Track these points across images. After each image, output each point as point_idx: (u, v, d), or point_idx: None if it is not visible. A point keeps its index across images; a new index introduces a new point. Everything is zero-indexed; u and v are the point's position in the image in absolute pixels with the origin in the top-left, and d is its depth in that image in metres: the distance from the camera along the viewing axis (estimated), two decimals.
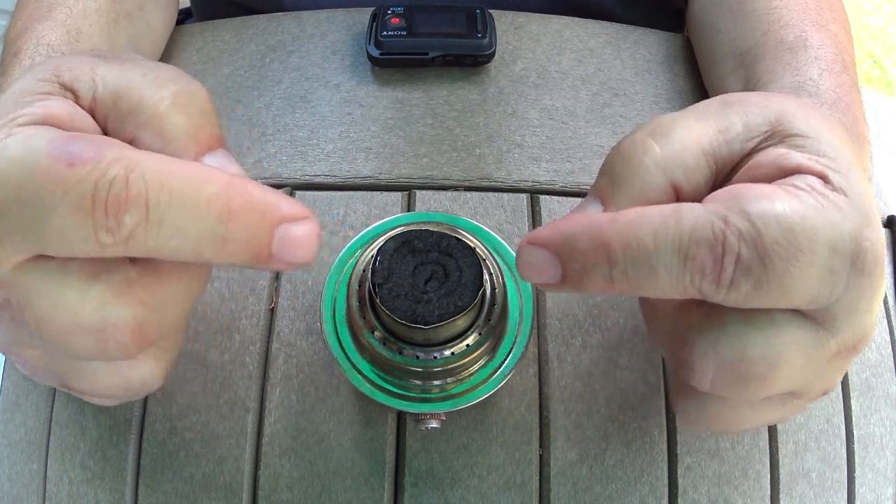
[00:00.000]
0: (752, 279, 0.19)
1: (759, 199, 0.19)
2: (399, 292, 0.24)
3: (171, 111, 0.21)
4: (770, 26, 0.36)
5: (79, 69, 0.22)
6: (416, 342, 0.25)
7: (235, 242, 0.19)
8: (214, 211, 0.19)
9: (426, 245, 0.25)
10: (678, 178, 0.22)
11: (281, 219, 0.20)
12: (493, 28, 0.40)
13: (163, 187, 0.18)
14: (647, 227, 0.19)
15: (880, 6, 1.89)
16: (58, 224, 0.19)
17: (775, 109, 0.23)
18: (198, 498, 0.30)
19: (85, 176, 0.18)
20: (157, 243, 0.19)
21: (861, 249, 0.20)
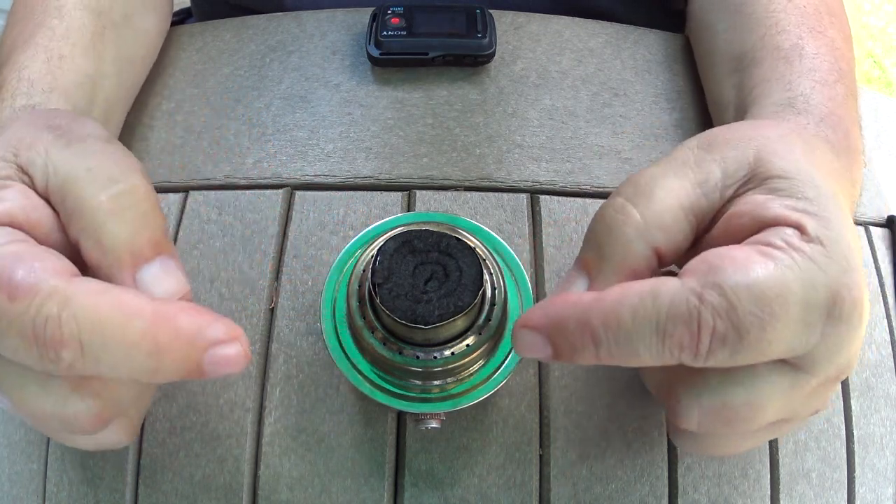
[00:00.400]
0: (729, 348, 0.20)
1: (733, 269, 0.20)
2: (399, 292, 0.24)
3: (109, 219, 0.22)
4: (767, 30, 0.36)
5: (34, 150, 0.23)
6: (416, 342, 0.25)
7: (166, 371, 0.20)
8: (143, 349, 0.20)
9: (426, 245, 0.25)
10: (659, 243, 0.23)
11: (210, 344, 0.21)
12: (493, 28, 0.40)
13: (94, 328, 0.20)
14: (627, 309, 0.20)
15: (880, 6, 1.89)
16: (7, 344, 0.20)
17: (754, 147, 0.23)
18: (198, 498, 0.30)
19: (23, 311, 0.19)
20: (97, 372, 0.20)
21: (837, 299, 0.20)
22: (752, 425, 0.22)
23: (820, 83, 0.32)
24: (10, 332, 0.20)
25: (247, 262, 0.34)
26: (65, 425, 0.22)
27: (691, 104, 0.40)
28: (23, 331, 0.19)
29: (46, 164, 0.23)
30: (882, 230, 0.38)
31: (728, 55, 0.38)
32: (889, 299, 0.36)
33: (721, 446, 0.25)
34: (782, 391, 0.22)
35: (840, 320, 0.20)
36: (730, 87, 0.37)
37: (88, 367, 0.20)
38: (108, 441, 0.25)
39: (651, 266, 0.23)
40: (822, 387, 0.22)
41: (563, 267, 0.34)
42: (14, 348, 0.20)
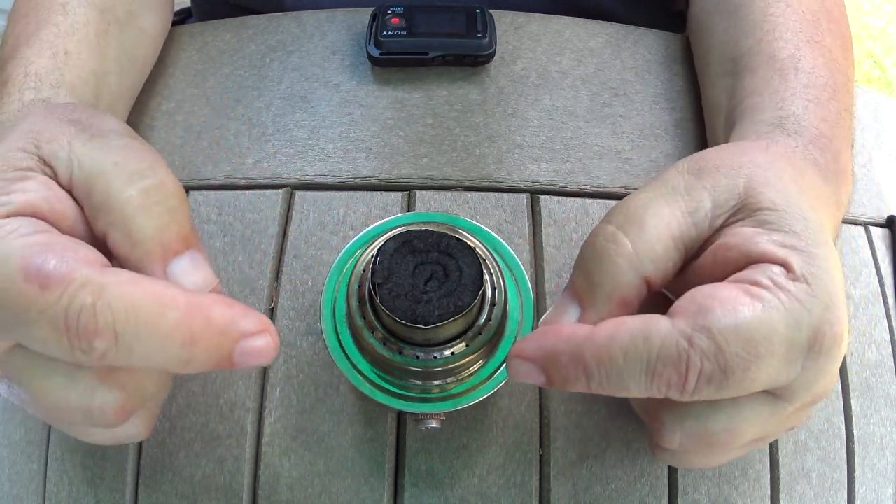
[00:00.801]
0: (714, 386, 0.21)
1: (722, 312, 0.20)
2: (399, 292, 0.24)
3: (138, 212, 0.22)
4: (764, 35, 0.35)
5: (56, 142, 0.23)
6: (416, 342, 0.25)
7: (197, 361, 0.21)
8: (178, 339, 0.20)
9: (426, 245, 0.25)
10: (649, 273, 0.23)
11: (241, 336, 0.21)
12: (493, 28, 0.40)
13: (128, 317, 0.19)
14: (618, 347, 0.21)
15: (880, 6, 1.89)
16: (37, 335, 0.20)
17: (745, 175, 0.24)
18: (198, 498, 0.30)
19: (56, 300, 0.19)
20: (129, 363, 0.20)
21: (819, 335, 0.21)
22: (730, 447, 0.24)
23: (813, 102, 0.31)
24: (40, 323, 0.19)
25: (247, 262, 0.34)
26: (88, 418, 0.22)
27: (691, 104, 0.40)
28: (54, 321, 0.19)
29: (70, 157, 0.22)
30: (882, 230, 0.38)
31: (723, 57, 0.37)
32: (889, 299, 0.36)
33: (698, 462, 0.26)
34: (762, 418, 0.23)
35: (820, 354, 0.21)
36: (722, 90, 0.36)
37: (121, 357, 0.20)
38: (126, 434, 0.25)
39: (640, 295, 0.24)
40: (799, 410, 0.23)
41: (563, 267, 0.34)
42: (43, 339, 0.20)
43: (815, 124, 0.30)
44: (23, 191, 0.22)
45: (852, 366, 0.34)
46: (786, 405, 0.23)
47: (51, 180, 0.22)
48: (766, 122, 0.31)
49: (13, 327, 0.20)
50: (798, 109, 0.31)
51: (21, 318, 0.20)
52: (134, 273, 0.21)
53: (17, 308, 0.19)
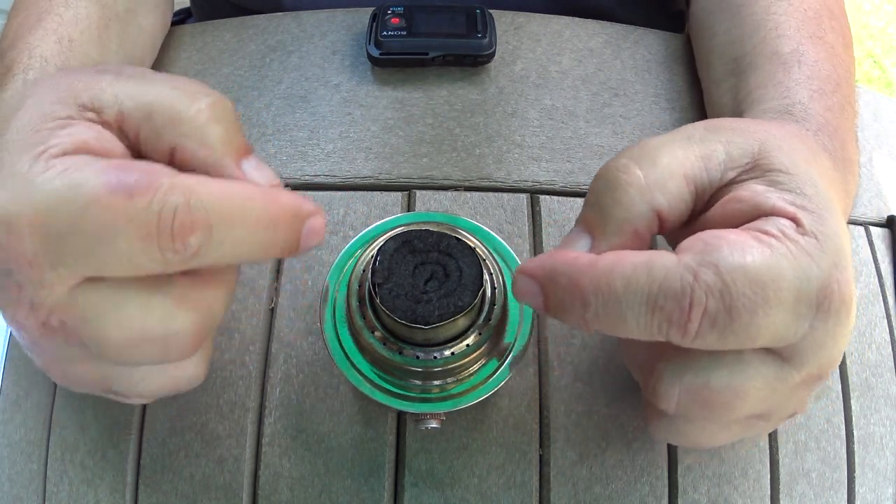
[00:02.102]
0: (718, 330, 0.20)
1: (730, 250, 0.20)
2: (399, 292, 0.24)
3: (210, 122, 0.23)
4: (767, 33, 0.35)
5: (96, 87, 0.23)
6: (416, 342, 0.25)
7: (277, 244, 0.22)
8: (263, 223, 0.21)
9: (426, 245, 0.25)
10: (661, 205, 0.23)
11: (306, 215, 0.22)
12: (493, 28, 0.40)
13: (221, 209, 0.20)
14: (619, 276, 0.20)
15: (880, 6, 1.89)
16: (122, 249, 0.20)
17: (759, 140, 0.23)
18: (198, 498, 0.30)
19: (147, 205, 0.20)
20: (219, 256, 0.21)
21: (828, 292, 0.20)
22: (731, 413, 0.22)
23: (818, 92, 0.31)
24: (128, 233, 0.20)
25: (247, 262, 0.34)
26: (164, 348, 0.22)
27: (691, 104, 0.40)
28: (144, 227, 0.20)
29: (116, 94, 0.23)
30: (882, 230, 0.38)
31: (726, 57, 0.37)
32: (889, 299, 0.36)
33: (696, 436, 0.25)
34: (766, 381, 0.22)
35: (829, 314, 0.21)
36: (726, 90, 0.36)
37: (212, 251, 0.21)
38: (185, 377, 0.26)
39: (652, 229, 0.23)
40: (804, 385, 0.23)
41: None
42: (128, 252, 0.20)
43: (821, 113, 0.30)
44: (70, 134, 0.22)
45: (852, 366, 0.34)
46: (791, 371, 0.22)
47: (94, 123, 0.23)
48: (773, 109, 0.31)
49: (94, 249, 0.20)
50: (804, 98, 0.31)
51: (106, 233, 0.20)
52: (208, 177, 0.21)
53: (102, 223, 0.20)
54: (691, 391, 0.22)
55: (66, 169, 0.20)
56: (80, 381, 0.25)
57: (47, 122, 0.22)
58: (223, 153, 0.23)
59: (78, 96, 0.23)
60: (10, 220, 0.20)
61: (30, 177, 0.20)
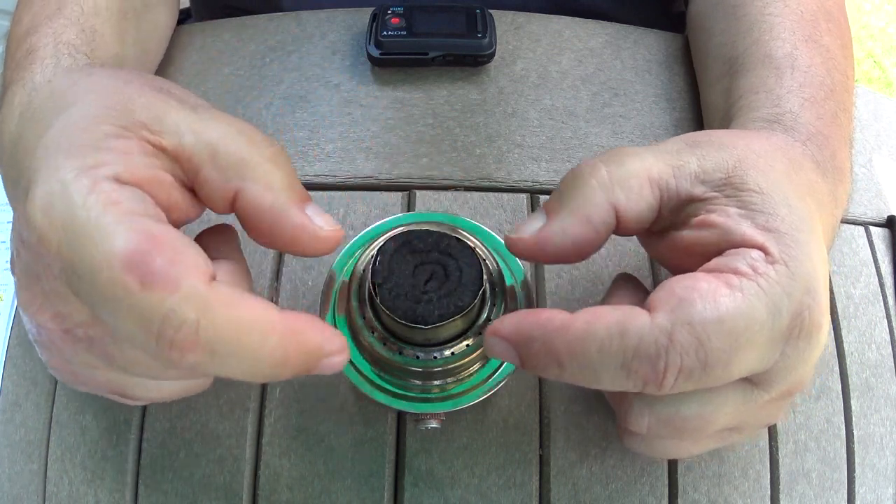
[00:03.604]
0: (693, 381, 0.20)
1: (703, 305, 0.20)
2: (399, 292, 0.24)
3: (275, 168, 0.23)
4: (760, 35, 0.35)
5: (157, 109, 0.23)
6: (417, 342, 0.25)
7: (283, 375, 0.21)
8: (274, 360, 0.20)
9: (426, 245, 0.25)
10: (619, 200, 0.23)
11: (326, 356, 0.21)
12: (493, 28, 0.40)
13: (230, 338, 0.19)
14: (593, 342, 0.20)
15: (880, 6, 1.89)
16: (122, 325, 0.19)
17: (736, 156, 0.24)
18: (198, 498, 0.30)
19: (156, 304, 0.19)
20: (217, 373, 0.20)
21: (799, 320, 0.21)
22: (700, 435, 0.23)
23: (809, 100, 0.31)
24: (130, 317, 0.19)
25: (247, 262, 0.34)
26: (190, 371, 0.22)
27: (691, 104, 0.40)
28: (147, 322, 0.19)
29: (177, 124, 0.23)
30: (882, 230, 0.38)
31: (720, 58, 0.37)
32: (889, 299, 0.36)
33: (667, 450, 0.25)
34: (735, 405, 0.22)
35: (799, 339, 0.21)
36: (720, 92, 0.36)
37: (208, 370, 0.20)
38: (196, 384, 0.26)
39: (607, 221, 0.24)
40: (776, 401, 0.23)
41: (563, 266, 0.34)
42: (127, 332, 0.19)
43: (812, 122, 0.30)
44: (123, 152, 0.21)
45: (852, 366, 0.34)
46: (762, 393, 0.22)
47: (146, 143, 0.22)
48: (762, 118, 0.31)
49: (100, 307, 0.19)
50: (794, 107, 0.31)
51: (110, 304, 0.19)
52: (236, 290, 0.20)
53: (108, 292, 0.19)
54: (661, 420, 0.23)
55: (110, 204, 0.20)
56: (91, 385, 0.24)
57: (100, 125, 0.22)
58: (288, 198, 0.23)
59: (136, 111, 0.22)
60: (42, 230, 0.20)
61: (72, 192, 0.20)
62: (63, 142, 0.21)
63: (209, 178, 0.23)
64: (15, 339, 0.33)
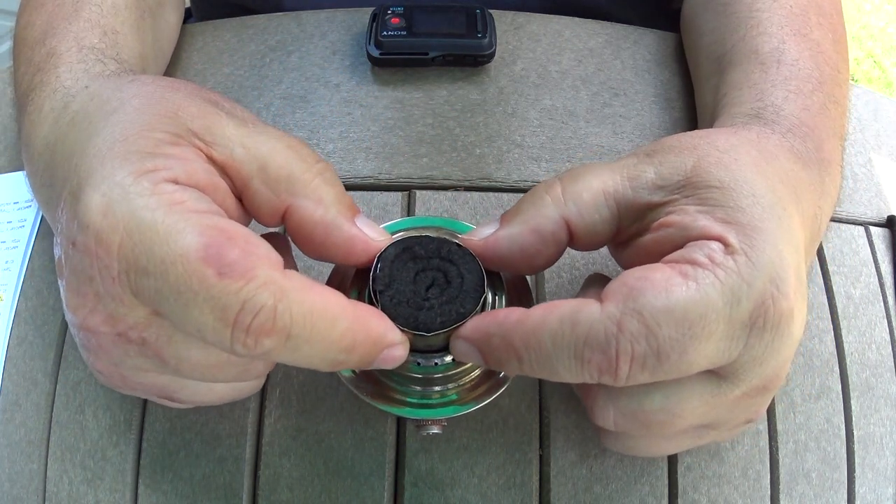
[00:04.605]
0: (648, 370, 0.20)
1: (653, 293, 0.20)
2: (401, 299, 0.24)
3: (324, 184, 0.24)
4: (748, 31, 0.35)
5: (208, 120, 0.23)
6: (418, 349, 0.25)
7: (349, 363, 0.22)
8: (342, 345, 0.21)
9: (427, 251, 0.25)
10: (571, 214, 0.24)
11: (387, 346, 0.22)
12: (493, 28, 0.40)
13: (305, 323, 0.20)
14: (546, 333, 0.21)
15: (880, 6, 1.89)
16: (195, 318, 0.20)
17: (695, 156, 0.23)
18: (198, 498, 0.30)
19: (234, 292, 0.19)
20: (286, 360, 0.21)
21: (762, 310, 0.20)
22: (671, 430, 0.23)
23: (794, 92, 0.31)
24: (204, 308, 0.19)
25: None
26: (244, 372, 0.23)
27: (690, 104, 0.40)
28: (224, 311, 0.19)
29: (228, 136, 0.23)
30: (882, 230, 0.38)
31: (710, 56, 0.37)
32: (889, 299, 0.36)
33: (641, 448, 0.25)
34: (702, 399, 0.22)
35: (763, 330, 0.20)
36: (709, 90, 0.36)
37: (283, 356, 0.20)
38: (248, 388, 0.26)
39: (557, 234, 0.24)
40: (748, 397, 0.23)
41: (562, 267, 0.34)
42: (199, 323, 0.19)
43: (796, 113, 0.30)
44: (180, 158, 0.21)
45: (852, 366, 0.34)
46: (731, 386, 0.22)
47: (200, 152, 0.22)
48: (743, 113, 0.31)
49: (169, 302, 0.20)
50: (777, 100, 0.30)
51: (184, 297, 0.19)
52: (308, 279, 0.21)
53: (183, 285, 0.19)
54: (626, 413, 0.23)
55: (174, 204, 0.20)
56: (140, 388, 0.24)
57: (154, 132, 0.22)
58: (339, 211, 0.23)
59: (189, 121, 0.23)
60: (101, 232, 0.20)
61: (131, 194, 0.20)
62: (117, 147, 0.21)
63: (258, 192, 0.23)
64: (15, 339, 0.33)
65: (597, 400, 0.23)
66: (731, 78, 0.34)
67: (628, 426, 0.23)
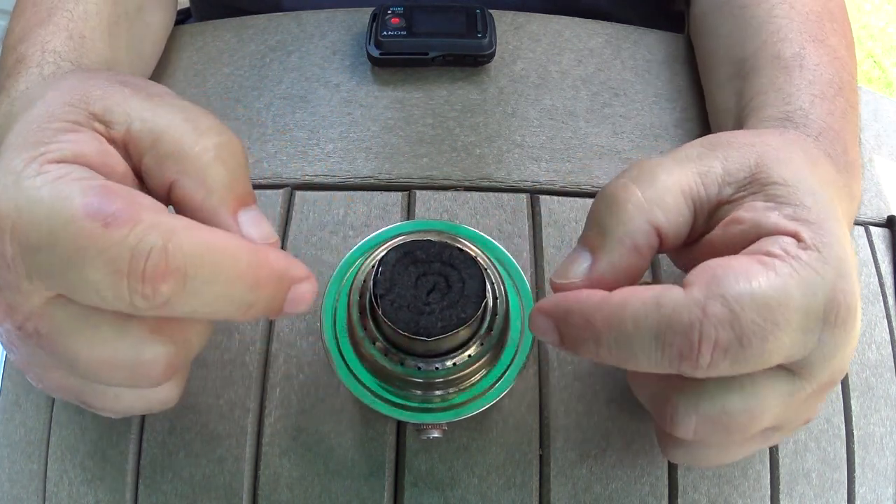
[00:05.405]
0: (730, 359, 0.20)
1: (736, 279, 0.20)
2: (401, 304, 0.24)
3: (214, 163, 0.22)
4: (769, 37, 0.35)
5: (110, 99, 0.23)
6: (418, 353, 0.25)
7: (258, 306, 0.21)
8: (246, 283, 0.20)
9: (428, 256, 0.24)
10: (659, 220, 0.23)
11: (292, 281, 0.21)
12: (493, 28, 0.40)
13: (201, 260, 0.19)
14: (629, 314, 0.21)
15: (880, 6, 1.89)
16: (91, 279, 0.19)
17: (756, 153, 0.24)
18: (198, 498, 0.30)
19: (121, 240, 0.19)
20: (190, 310, 0.20)
21: (834, 304, 0.21)
22: (749, 433, 0.23)
23: (819, 97, 0.31)
24: (97, 264, 0.19)
25: None
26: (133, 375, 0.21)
27: (691, 104, 0.40)
28: (115, 262, 0.19)
29: (128, 112, 0.22)
30: (882, 230, 0.38)
31: (729, 60, 0.37)
32: (889, 299, 0.36)
33: (714, 457, 0.25)
34: (780, 397, 0.22)
35: (836, 325, 0.21)
36: (731, 94, 0.36)
37: (184, 303, 0.19)
38: (158, 399, 0.25)
39: (651, 245, 0.23)
40: (815, 394, 0.23)
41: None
42: (96, 283, 0.19)
43: (823, 118, 0.30)
44: (72, 141, 0.21)
45: (852, 366, 0.34)
46: (804, 384, 0.22)
47: (99, 135, 0.22)
48: (773, 117, 0.31)
49: (64, 271, 0.19)
50: (804, 104, 0.31)
51: (76, 259, 0.19)
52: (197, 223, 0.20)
53: (73, 247, 0.19)
54: (709, 419, 0.22)
55: (58, 178, 0.20)
56: (55, 388, 0.24)
57: (53, 123, 0.22)
58: (221, 199, 0.22)
59: (91, 104, 0.22)
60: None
61: (21, 178, 0.20)
62: (19, 138, 0.21)
63: (149, 168, 0.22)
64: None
65: (677, 408, 0.22)
66: (756, 83, 0.34)
67: (708, 433, 0.22)
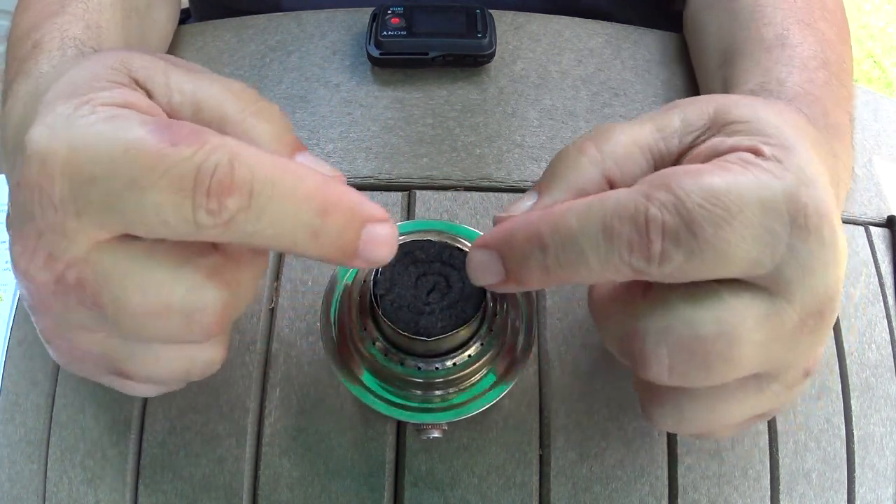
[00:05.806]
0: (683, 248, 0.19)
1: (684, 173, 0.19)
2: (401, 304, 0.24)
3: (258, 122, 0.22)
4: (754, 24, 0.36)
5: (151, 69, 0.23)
6: (419, 353, 0.25)
7: (327, 237, 0.20)
8: (313, 205, 0.19)
9: (428, 256, 0.25)
10: (611, 169, 0.23)
11: (369, 218, 0.20)
12: (493, 28, 0.40)
13: (266, 177, 0.19)
14: (573, 213, 0.20)
15: (880, 6, 1.89)
16: (153, 202, 0.19)
17: (716, 102, 0.23)
18: (198, 498, 0.30)
19: (189, 156, 0.18)
20: (256, 229, 0.19)
21: (799, 205, 0.19)
22: (731, 367, 0.21)
23: (798, 68, 0.31)
24: (160, 184, 0.18)
25: None
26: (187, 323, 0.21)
27: None
28: (180, 180, 0.18)
29: (168, 83, 0.22)
30: (882, 230, 0.38)
31: (716, 51, 0.38)
32: (889, 299, 0.36)
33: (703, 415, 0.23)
34: (758, 320, 0.20)
35: (808, 231, 0.19)
36: (717, 83, 0.37)
37: (250, 221, 0.19)
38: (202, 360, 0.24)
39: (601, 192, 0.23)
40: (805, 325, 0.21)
41: None
42: (157, 206, 0.18)
43: (800, 84, 0.30)
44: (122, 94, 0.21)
45: (852, 366, 0.34)
46: (784, 305, 0.20)
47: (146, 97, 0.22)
48: (748, 90, 0.31)
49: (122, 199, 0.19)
50: (781, 75, 0.31)
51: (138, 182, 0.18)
52: None
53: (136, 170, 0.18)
54: (680, 346, 0.20)
55: (114, 116, 0.19)
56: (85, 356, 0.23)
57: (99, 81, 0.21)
58: (275, 149, 0.22)
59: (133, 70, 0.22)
60: (44, 155, 0.19)
61: (73, 118, 0.20)
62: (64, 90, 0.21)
63: None
64: (15, 339, 0.33)
65: (646, 337, 0.21)
66: (740, 66, 0.34)
67: (684, 367, 0.21)
